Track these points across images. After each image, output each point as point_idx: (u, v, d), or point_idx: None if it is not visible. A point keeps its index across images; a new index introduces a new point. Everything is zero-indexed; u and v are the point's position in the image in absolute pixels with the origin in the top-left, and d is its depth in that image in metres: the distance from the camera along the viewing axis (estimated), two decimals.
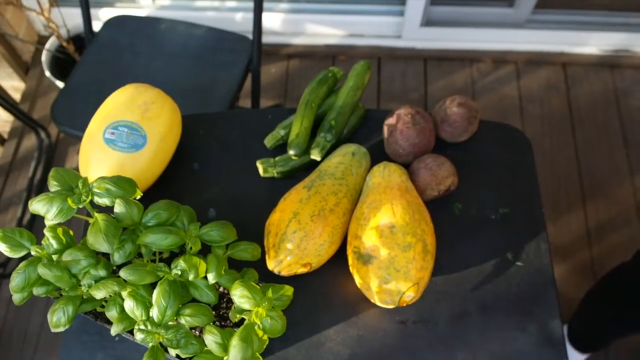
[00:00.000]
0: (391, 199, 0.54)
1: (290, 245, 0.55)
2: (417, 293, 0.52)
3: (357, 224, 0.55)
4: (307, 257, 0.56)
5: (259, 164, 0.65)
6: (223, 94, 1.04)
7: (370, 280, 0.52)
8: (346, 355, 0.56)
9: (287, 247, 0.55)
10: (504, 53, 1.53)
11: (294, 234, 0.55)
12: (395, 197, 0.55)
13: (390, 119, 0.64)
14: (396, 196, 0.55)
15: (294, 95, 1.51)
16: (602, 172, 1.38)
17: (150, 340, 0.48)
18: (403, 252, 0.51)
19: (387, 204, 0.54)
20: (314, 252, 0.56)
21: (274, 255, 0.56)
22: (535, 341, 0.56)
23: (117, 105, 0.62)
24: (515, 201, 0.64)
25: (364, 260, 0.53)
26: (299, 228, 0.55)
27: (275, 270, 0.56)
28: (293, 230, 0.55)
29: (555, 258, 0.60)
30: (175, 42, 1.11)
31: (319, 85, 0.68)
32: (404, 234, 0.52)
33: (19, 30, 1.55)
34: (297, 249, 0.55)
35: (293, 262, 0.55)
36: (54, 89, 1.56)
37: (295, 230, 0.55)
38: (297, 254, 0.55)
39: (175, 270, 0.49)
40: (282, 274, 0.57)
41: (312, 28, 1.55)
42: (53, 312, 0.50)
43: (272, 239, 0.56)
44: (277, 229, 0.56)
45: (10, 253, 0.50)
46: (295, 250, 0.55)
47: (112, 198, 0.50)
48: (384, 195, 0.55)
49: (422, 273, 0.52)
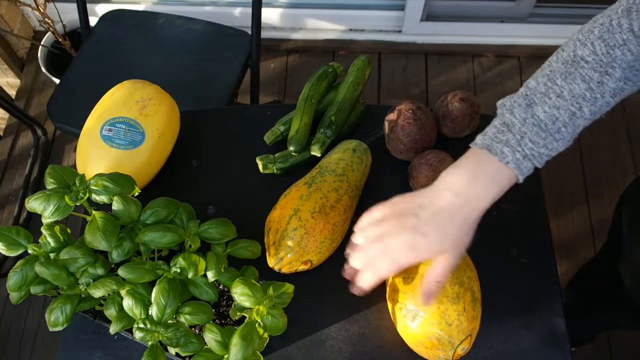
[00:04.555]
0: None
1: (291, 243, 0.54)
2: (470, 345, 0.50)
3: (399, 277, 0.51)
4: (308, 255, 0.55)
5: (259, 160, 0.65)
6: (222, 90, 1.03)
7: (420, 337, 0.50)
8: (347, 353, 0.56)
9: (287, 244, 0.54)
10: (506, 47, 1.52)
11: (294, 231, 0.54)
12: None
13: (391, 115, 0.63)
14: None
15: (294, 91, 1.50)
16: (606, 168, 1.37)
17: (149, 339, 0.48)
18: (453, 305, 0.48)
19: None
20: (315, 250, 0.55)
21: (275, 253, 0.55)
22: (538, 339, 0.56)
23: (115, 101, 0.61)
24: (517, 197, 0.63)
25: (412, 316, 0.50)
26: (300, 225, 0.54)
27: (276, 268, 0.56)
28: (294, 227, 0.54)
29: (559, 255, 0.59)
30: (173, 37, 1.10)
31: (319, 81, 0.67)
32: (451, 284, 0.49)
33: (14, 26, 1.53)
34: (297, 247, 0.54)
35: (294, 259, 0.55)
36: (50, 85, 1.54)
37: (296, 228, 0.54)
38: (297, 252, 0.54)
39: (174, 268, 0.49)
40: (282, 272, 0.56)
41: (312, 23, 1.54)
42: (51, 311, 0.49)
43: (272, 236, 0.56)
44: (278, 225, 0.55)
45: (7, 251, 0.49)
46: (296, 248, 0.54)
47: (110, 195, 0.49)
48: None
49: (474, 323, 0.50)
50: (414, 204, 0.46)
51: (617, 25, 0.41)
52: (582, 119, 0.44)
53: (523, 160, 0.44)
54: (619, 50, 0.41)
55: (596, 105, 0.43)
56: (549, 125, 0.43)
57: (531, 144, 0.44)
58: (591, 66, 0.42)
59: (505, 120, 0.45)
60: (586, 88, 0.42)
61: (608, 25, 0.42)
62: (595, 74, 0.42)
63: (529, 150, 0.44)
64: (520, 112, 0.44)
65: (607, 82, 0.42)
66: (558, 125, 0.43)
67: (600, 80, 0.42)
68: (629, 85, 0.43)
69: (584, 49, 0.42)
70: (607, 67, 0.41)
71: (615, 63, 0.41)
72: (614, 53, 0.41)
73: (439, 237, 0.44)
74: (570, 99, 0.43)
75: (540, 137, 0.44)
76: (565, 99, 0.43)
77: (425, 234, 0.44)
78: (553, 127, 0.43)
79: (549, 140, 0.44)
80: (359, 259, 0.47)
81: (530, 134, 0.44)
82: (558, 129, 0.44)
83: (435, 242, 0.45)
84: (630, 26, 0.40)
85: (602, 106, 0.43)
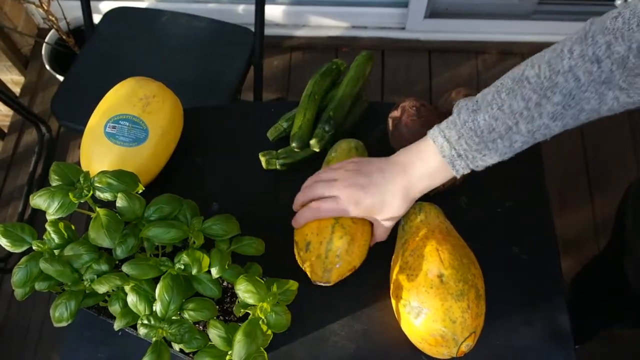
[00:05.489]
0: (436, 245, 0.51)
1: (339, 252, 0.53)
2: (474, 342, 0.50)
3: (403, 274, 0.52)
4: (354, 261, 0.54)
5: (262, 156, 0.65)
6: (225, 87, 1.03)
7: (424, 334, 0.50)
8: (351, 349, 0.56)
9: (336, 254, 0.53)
10: (510, 44, 1.52)
11: (341, 239, 0.53)
12: (439, 241, 0.51)
13: (394, 112, 0.63)
14: (440, 241, 0.52)
15: (297, 88, 1.50)
16: (610, 164, 1.37)
17: (153, 335, 0.48)
18: (457, 302, 0.48)
19: (432, 250, 0.51)
20: (359, 254, 0.55)
21: (321, 265, 0.53)
22: (541, 335, 0.56)
23: (118, 99, 0.61)
24: (521, 194, 0.63)
25: (415, 313, 0.50)
26: (345, 232, 0.53)
27: (323, 281, 0.54)
28: (340, 235, 0.53)
29: (562, 251, 0.59)
30: (177, 35, 1.10)
31: (322, 78, 0.67)
32: (456, 281, 0.49)
33: (18, 23, 1.53)
34: (346, 254, 0.53)
35: (343, 268, 0.54)
36: (54, 83, 1.55)
37: (342, 236, 0.53)
38: (346, 259, 0.53)
39: (178, 265, 0.49)
40: (330, 284, 0.55)
41: (315, 20, 1.53)
42: (55, 307, 0.49)
43: (315, 249, 0.54)
44: (320, 237, 0.54)
45: (11, 248, 0.49)
46: (345, 256, 0.53)
47: (114, 192, 0.49)
48: (427, 241, 0.52)
49: (478, 320, 0.50)
50: (370, 166, 0.53)
51: (567, 52, 0.42)
52: (518, 135, 0.46)
53: (457, 158, 0.49)
54: (561, 77, 0.42)
55: (533, 124, 0.45)
56: (484, 133, 0.47)
57: (466, 145, 0.48)
58: (532, 87, 0.44)
59: (454, 119, 0.49)
60: (524, 107, 0.45)
61: (559, 52, 0.43)
62: (534, 95, 0.44)
63: (463, 151, 0.48)
64: (465, 115, 0.48)
65: (544, 104, 0.44)
66: (494, 135, 0.46)
67: (539, 102, 0.44)
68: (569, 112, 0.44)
69: (531, 71, 0.44)
70: (547, 90, 0.43)
71: (557, 88, 0.43)
72: (556, 79, 0.43)
73: (380, 203, 0.52)
74: (509, 113, 0.45)
75: (474, 141, 0.47)
76: (504, 112, 0.46)
77: (372, 196, 0.52)
78: (489, 136, 0.47)
79: (481, 147, 0.47)
80: (307, 194, 0.55)
81: (466, 137, 0.47)
82: (493, 139, 0.47)
83: (376, 205, 0.52)
84: (582, 52, 0.41)
85: (540, 127, 0.45)
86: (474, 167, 0.50)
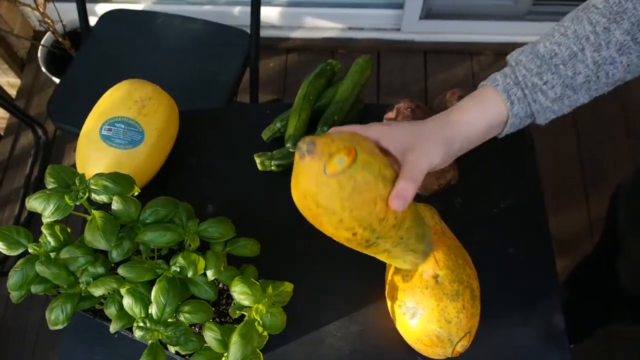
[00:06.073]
0: None
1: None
2: (469, 342, 0.50)
3: (398, 275, 0.52)
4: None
5: (257, 157, 0.65)
6: (221, 89, 1.03)
7: (419, 334, 0.50)
8: (347, 351, 0.56)
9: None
10: (505, 45, 1.52)
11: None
12: (435, 242, 0.51)
13: (389, 113, 0.63)
14: (435, 241, 0.52)
15: (293, 89, 1.50)
16: (604, 164, 1.37)
17: (149, 338, 0.48)
18: (452, 302, 0.49)
19: None
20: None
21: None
22: (537, 335, 0.56)
23: (114, 101, 0.61)
24: (516, 194, 0.63)
25: (411, 314, 0.50)
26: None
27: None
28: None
29: (558, 251, 0.60)
30: (172, 37, 1.10)
31: (316, 78, 0.67)
32: (451, 282, 0.49)
33: (14, 26, 1.53)
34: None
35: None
36: (50, 85, 1.54)
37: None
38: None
39: (174, 267, 0.49)
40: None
41: (311, 21, 1.53)
42: (51, 309, 0.49)
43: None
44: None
45: (7, 251, 0.49)
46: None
47: (109, 195, 0.49)
48: None
49: (473, 320, 0.50)
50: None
51: None
52: (582, 65, 0.42)
53: (514, 86, 0.44)
54: (630, 3, 0.41)
55: (600, 53, 0.41)
56: (545, 58, 0.43)
57: (525, 70, 0.43)
58: (600, 12, 0.42)
59: (507, 60, 0.46)
60: (591, 31, 0.41)
61: None
62: (603, 19, 0.41)
63: (522, 77, 0.43)
64: (518, 52, 0.45)
65: (613, 30, 0.41)
66: (556, 60, 0.42)
67: (607, 27, 0.41)
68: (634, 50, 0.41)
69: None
70: (616, 15, 0.41)
71: (625, 15, 0.41)
72: (625, 4, 0.41)
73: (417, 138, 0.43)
74: (573, 38, 0.42)
75: (535, 63, 0.43)
76: (568, 37, 0.42)
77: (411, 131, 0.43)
78: (550, 61, 0.42)
79: (543, 69, 0.43)
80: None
81: (525, 61, 0.43)
82: (556, 64, 0.42)
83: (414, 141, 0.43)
84: None
85: (606, 59, 0.42)
86: (533, 103, 0.43)
